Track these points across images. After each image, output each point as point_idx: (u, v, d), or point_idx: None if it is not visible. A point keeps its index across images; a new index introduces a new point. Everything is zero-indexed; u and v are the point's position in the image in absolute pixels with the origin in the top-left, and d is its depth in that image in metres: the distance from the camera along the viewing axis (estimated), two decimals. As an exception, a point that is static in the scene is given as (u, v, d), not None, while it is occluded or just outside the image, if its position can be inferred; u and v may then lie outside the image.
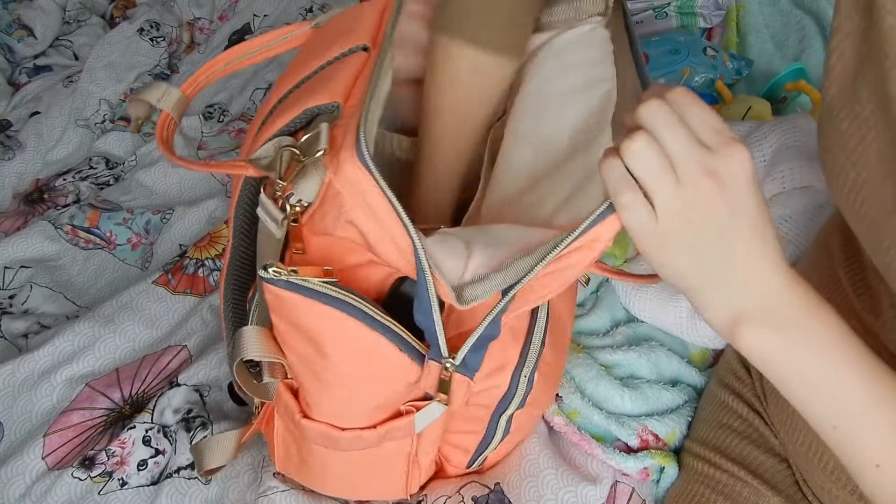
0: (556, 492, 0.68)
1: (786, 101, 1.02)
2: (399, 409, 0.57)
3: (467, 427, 0.63)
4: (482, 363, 0.55)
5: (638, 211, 0.42)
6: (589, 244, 0.48)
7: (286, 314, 0.51)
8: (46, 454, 0.73)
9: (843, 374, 0.42)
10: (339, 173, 0.48)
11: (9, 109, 1.26)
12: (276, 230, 0.52)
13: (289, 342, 0.54)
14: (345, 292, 0.49)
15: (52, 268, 0.94)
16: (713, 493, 0.65)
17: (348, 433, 0.58)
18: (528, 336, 0.60)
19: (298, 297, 0.49)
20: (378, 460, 0.61)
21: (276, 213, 0.51)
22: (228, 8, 1.42)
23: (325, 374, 0.54)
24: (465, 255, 0.50)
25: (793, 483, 0.64)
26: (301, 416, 0.59)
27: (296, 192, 0.51)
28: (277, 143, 0.54)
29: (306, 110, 0.53)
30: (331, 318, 0.49)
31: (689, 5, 1.17)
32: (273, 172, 0.52)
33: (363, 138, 0.47)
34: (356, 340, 0.51)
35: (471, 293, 0.48)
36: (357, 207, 0.48)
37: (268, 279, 0.48)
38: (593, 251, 0.48)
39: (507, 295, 0.49)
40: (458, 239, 0.51)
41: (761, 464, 0.65)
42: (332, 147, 0.49)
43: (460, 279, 0.49)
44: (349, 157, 0.47)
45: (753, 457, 0.66)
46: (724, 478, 0.66)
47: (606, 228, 0.46)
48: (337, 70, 0.57)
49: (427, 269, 0.47)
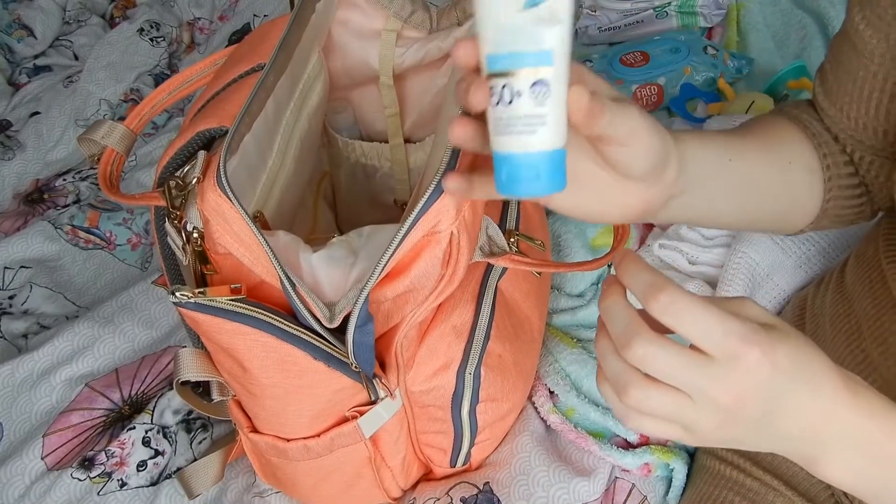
0: (546, 489, 0.67)
1: (787, 99, 1.02)
2: (345, 415, 0.58)
3: (433, 427, 0.64)
4: (427, 363, 0.57)
5: (673, 434, 0.40)
6: (431, 234, 0.49)
7: (205, 334, 0.53)
8: (46, 454, 0.73)
9: None
10: (203, 201, 0.49)
11: (9, 109, 1.26)
12: (182, 256, 0.53)
13: (218, 360, 0.56)
14: (251, 307, 0.50)
15: (51, 268, 0.94)
16: (743, 500, 0.62)
17: (293, 444, 0.59)
18: (471, 333, 0.61)
19: (209, 317, 0.50)
20: (337, 468, 0.62)
21: (177, 240, 0.53)
22: (228, 8, 1.42)
23: (252, 388, 0.55)
24: (350, 264, 0.51)
25: (830, 496, 0.61)
26: (249, 431, 0.61)
27: (189, 219, 0.51)
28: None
29: (198, 133, 0.54)
30: (241, 335, 0.51)
31: (689, 5, 1.16)
32: (166, 202, 0.52)
33: (223, 166, 0.48)
34: (270, 353, 0.52)
35: (339, 306, 0.49)
36: (225, 234, 0.49)
37: (176, 302, 0.50)
38: (440, 243, 0.50)
39: (359, 301, 0.48)
40: (346, 248, 0.52)
41: (795, 474, 0.62)
42: (205, 174, 0.50)
43: (345, 291, 0.49)
44: (211, 185, 0.48)
45: (787, 466, 0.63)
46: (756, 486, 0.63)
47: (437, 215, 0.48)
48: (233, 92, 0.58)
49: (295, 300, 0.48)
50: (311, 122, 0.66)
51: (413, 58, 0.71)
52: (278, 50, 0.57)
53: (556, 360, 0.76)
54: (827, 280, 0.66)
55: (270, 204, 0.60)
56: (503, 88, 0.37)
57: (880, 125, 0.53)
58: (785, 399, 0.37)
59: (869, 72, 0.51)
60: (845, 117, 0.54)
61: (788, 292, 0.75)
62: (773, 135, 0.55)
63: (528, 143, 0.37)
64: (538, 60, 0.36)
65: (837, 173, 0.55)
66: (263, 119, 0.57)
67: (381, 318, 0.53)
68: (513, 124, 0.37)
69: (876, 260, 0.56)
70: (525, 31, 0.36)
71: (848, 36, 0.52)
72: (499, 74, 0.37)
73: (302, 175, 0.68)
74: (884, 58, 0.50)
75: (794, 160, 0.54)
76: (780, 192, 0.54)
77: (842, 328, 0.59)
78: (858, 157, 0.55)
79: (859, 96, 0.52)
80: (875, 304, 0.55)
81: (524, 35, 0.36)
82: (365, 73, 0.73)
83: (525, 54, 0.36)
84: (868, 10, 0.49)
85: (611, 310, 0.39)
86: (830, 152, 0.55)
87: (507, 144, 0.38)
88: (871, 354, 0.55)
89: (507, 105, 0.37)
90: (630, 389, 0.38)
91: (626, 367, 0.38)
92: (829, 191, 0.55)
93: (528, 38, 0.36)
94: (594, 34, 1.20)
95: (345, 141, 0.76)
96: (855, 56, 0.52)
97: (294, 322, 0.51)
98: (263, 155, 0.58)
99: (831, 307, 0.62)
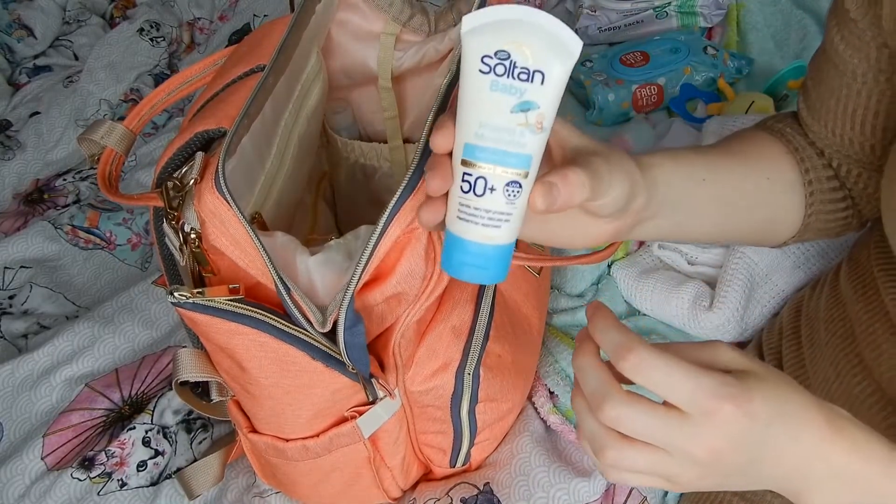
0: (547, 490, 0.67)
1: (787, 99, 1.02)
2: (344, 415, 0.58)
3: (433, 427, 0.64)
4: (426, 363, 0.57)
5: (657, 485, 0.40)
6: (409, 232, 0.49)
7: (203, 334, 0.53)
8: (46, 454, 0.73)
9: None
10: (200, 202, 0.49)
11: (9, 109, 1.26)
12: (179, 257, 0.53)
13: (217, 360, 0.56)
14: (250, 307, 0.50)
15: (51, 268, 0.94)
16: (742, 500, 0.62)
17: (292, 444, 0.59)
18: (470, 333, 0.61)
19: (207, 318, 0.50)
20: (336, 468, 0.62)
21: (175, 240, 0.53)
22: (228, 8, 1.42)
23: (251, 388, 0.55)
24: (345, 268, 0.51)
25: None
26: (249, 431, 0.61)
27: (186, 220, 0.52)
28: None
29: (196, 134, 0.54)
30: (239, 334, 0.51)
31: (689, 5, 1.16)
32: (164, 203, 0.53)
33: (221, 168, 0.48)
34: (269, 353, 0.52)
35: (329, 309, 0.49)
36: (222, 236, 0.49)
37: (174, 302, 0.50)
38: (420, 239, 0.50)
39: (344, 303, 0.48)
40: (343, 252, 0.52)
41: None
42: (202, 176, 0.50)
43: (340, 296, 0.50)
44: (208, 186, 0.48)
45: None
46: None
47: (412, 211, 0.48)
48: (231, 93, 0.58)
49: (289, 303, 0.48)
50: (310, 122, 0.66)
51: (411, 60, 0.71)
52: (278, 52, 0.57)
53: (556, 360, 0.76)
54: (822, 283, 0.66)
55: (269, 204, 0.60)
56: (477, 180, 0.37)
57: (867, 140, 0.53)
58: (765, 447, 0.37)
59: (852, 90, 0.51)
60: (830, 133, 0.54)
61: (787, 292, 0.75)
62: (751, 151, 0.55)
63: (488, 236, 0.38)
64: (518, 162, 0.37)
65: (820, 188, 0.55)
66: (262, 120, 0.57)
67: (375, 319, 0.53)
68: (478, 215, 0.38)
69: (868, 266, 0.56)
70: (511, 132, 0.36)
71: (828, 56, 0.52)
72: (474, 165, 0.37)
73: (301, 175, 0.68)
74: (866, 76, 0.50)
75: (772, 176, 0.54)
76: (757, 208, 0.54)
77: (836, 332, 0.59)
78: (846, 170, 0.55)
79: (843, 113, 0.52)
80: (868, 310, 0.55)
81: (509, 136, 0.36)
82: (364, 74, 0.73)
83: (507, 154, 0.37)
84: (846, 31, 0.49)
85: (584, 369, 0.39)
86: (813, 166, 0.55)
87: (467, 232, 0.38)
88: (864, 358, 0.55)
89: (477, 196, 0.37)
90: (606, 451, 0.38)
91: (601, 428, 0.38)
92: (810, 205, 0.55)
93: (513, 140, 0.36)
94: (594, 34, 1.20)
95: (344, 141, 0.76)
96: (836, 75, 0.51)
97: (292, 322, 0.51)
98: (262, 156, 0.58)
99: (826, 310, 0.61)
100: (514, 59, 0.35)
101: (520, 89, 0.35)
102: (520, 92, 0.35)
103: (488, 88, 0.35)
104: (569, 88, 1.13)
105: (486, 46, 0.35)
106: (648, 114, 1.08)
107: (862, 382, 0.54)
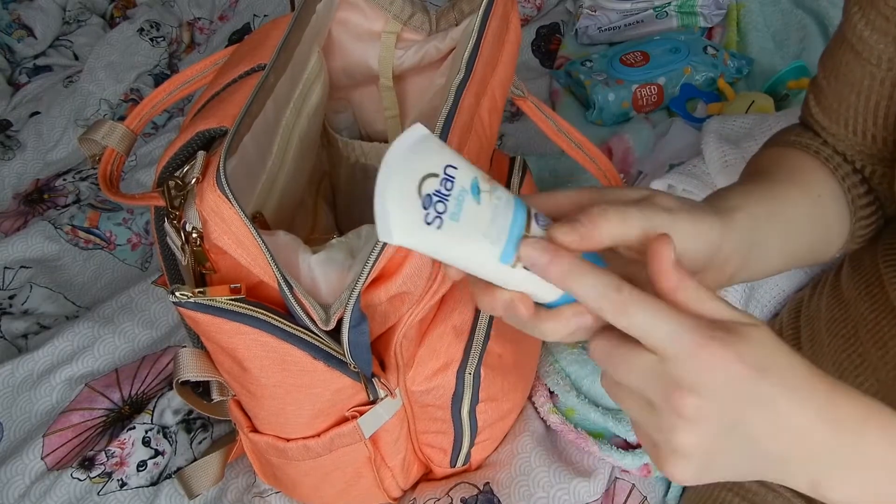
0: (547, 490, 0.67)
1: (787, 99, 1.02)
2: (345, 415, 0.58)
3: (433, 427, 0.64)
4: (427, 363, 0.58)
5: (649, 450, 0.39)
6: None
7: (205, 333, 0.53)
8: (46, 454, 0.73)
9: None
10: (202, 201, 0.49)
11: (9, 109, 1.26)
12: (181, 256, 0.53)
13: (218, 359, 0.56)
14: (251, 307, 0.50)
15: (51, 268, 0.94)
16: (742, 501, 0.62)
17: (293, 444, 0.59)
18: (471, 333, 0.61)
19: (209, 317, 0.50)
20: (337, 468, 0.62)
21: (176, 240, 0.53)
22: (228, 8, 1.42)
23: (252, 388, 0.55)
24: (348, 266, 0.50)
25: None
26: (250, 431, 0.61)
27: (188, 219, 0.51)
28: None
29: (198, 134, 0.54)
30: (240, 334, 0.51)
31: (689, 5, 1.17)
32: (165, 202, 0.52)
33: (223, 167, 0.48)
34: (270, 353, 0.52)
35: (333, 308, 0.49)
36: (224, 234, 0.49)
37: (176, 302, 0.50)
38: None
39: (350, 302, 0.48)
40: (346, 250, 0.52)
41: None
42: (204, 175, 0.50)
43: (346, 293, 0.49)
44: (210, 185, 0.48)
45: None
46: (755, 486, 0.62)
47: None
48: (232, 92, 0.57)
49: (292, 302, 0.48)
50: (311, 121, 0.66)
51: (412, 59, 0.71)
52: (279, 51, 0.57)
53: (556, 360, 0.76)
54: (822, 284, 0.65)
55: (270, 204, 0.60)
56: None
57: (889, 135, 0.52)
58: (760, 407, 0.34)
59: (875, 80, 0.50)
60: (851, 133, 0.53)
61: (787, 293, 0.75)
62: (797, 172, 0.53)
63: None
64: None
65: (857, 193, 0.54)
66: (263, 119, 0.57)
67: (378, 318, 0.53)
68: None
69: (873, 264, 0.56)
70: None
71: (849, 43, 0.50)
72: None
73: (302, 175, 0.68)
74: (892, 62, 0.48)
75: (822, 193, 0.53)
76: (817, 228, 0.53)
77: (838, 332, 0.58)
78: (870, 171, 0.54)
79: (865, 108, 0.51)
80: (873, 309, 0.55)
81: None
82: (365, 74, 0.73)
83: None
84: (873, 14, 0.48)
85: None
86: (846, 174, 0.54)
87: None
88: (869, 358, 0.55)
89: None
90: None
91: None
92: (853, 213, 0.54)
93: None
94: (594, 34, 1.20)
95: (345, 141, 0.76)
96: (858, 65, 0.50)
97: (293, 321, 0.51)
98: (263, 155, 0.58)
99: (827, 311, 0.61)
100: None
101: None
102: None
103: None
104: (569, 88, 1.14)
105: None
106: (648, 114, 1.08)
107: (865, 383, 0.54)
